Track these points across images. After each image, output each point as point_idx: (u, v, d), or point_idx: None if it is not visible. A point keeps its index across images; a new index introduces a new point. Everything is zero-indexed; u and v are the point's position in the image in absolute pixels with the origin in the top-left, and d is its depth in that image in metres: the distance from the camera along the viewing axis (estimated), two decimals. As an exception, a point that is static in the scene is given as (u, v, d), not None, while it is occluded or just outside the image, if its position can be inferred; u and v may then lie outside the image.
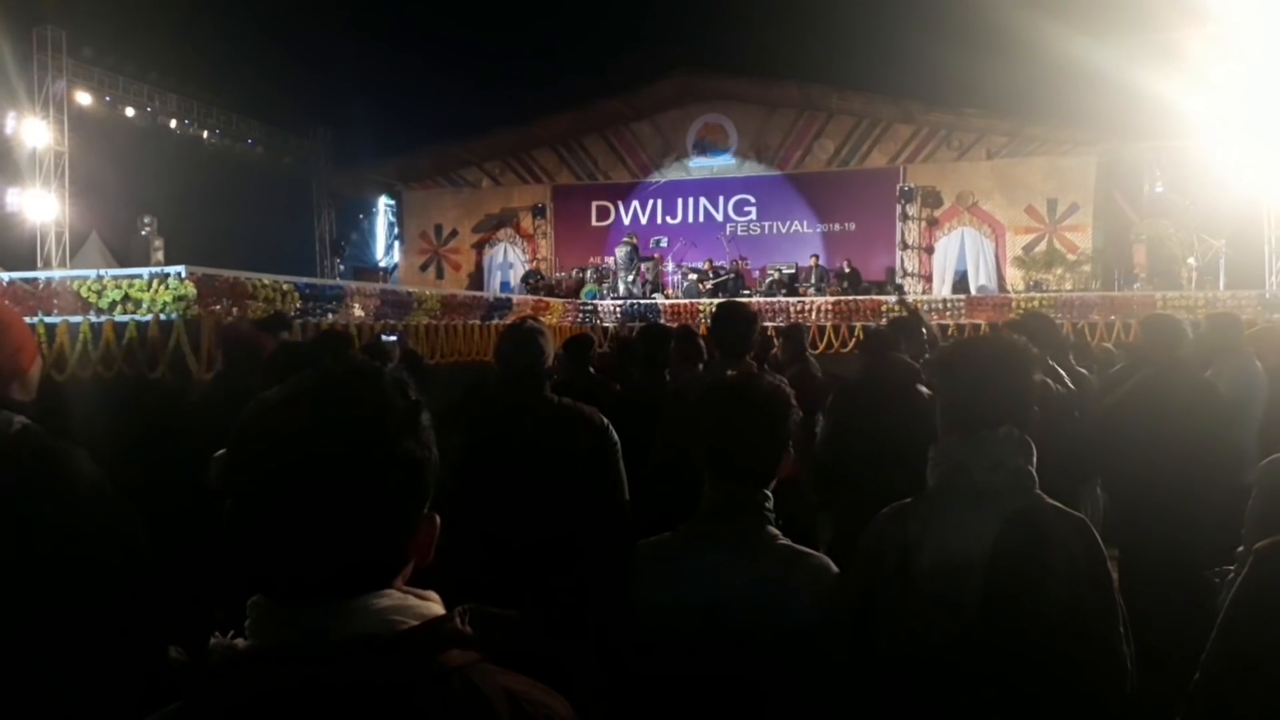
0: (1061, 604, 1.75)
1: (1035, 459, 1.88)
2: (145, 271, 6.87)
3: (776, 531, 1.87)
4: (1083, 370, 5.16)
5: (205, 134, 18.12)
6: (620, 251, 17.39)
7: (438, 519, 1.03)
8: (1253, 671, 1.26)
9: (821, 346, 12.60)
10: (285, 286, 7.51)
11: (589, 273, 18.22)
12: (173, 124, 17.38)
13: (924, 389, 3.48)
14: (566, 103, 20.09)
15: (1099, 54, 12.60)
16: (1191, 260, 15.67)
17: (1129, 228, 17.70)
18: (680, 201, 20.50)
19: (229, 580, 1.16)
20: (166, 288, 6.59)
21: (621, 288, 16.66)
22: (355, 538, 0.95)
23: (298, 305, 7.55)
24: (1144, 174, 17.70)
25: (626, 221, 20.71)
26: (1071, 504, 1.97)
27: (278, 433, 0.95)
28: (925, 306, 11.53)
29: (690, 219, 20.40)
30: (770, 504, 1.89)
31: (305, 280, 8.13)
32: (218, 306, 6.84)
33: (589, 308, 14.62)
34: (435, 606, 0.99)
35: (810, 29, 17.65)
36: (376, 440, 0.96)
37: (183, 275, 6.64)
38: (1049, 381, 4.37)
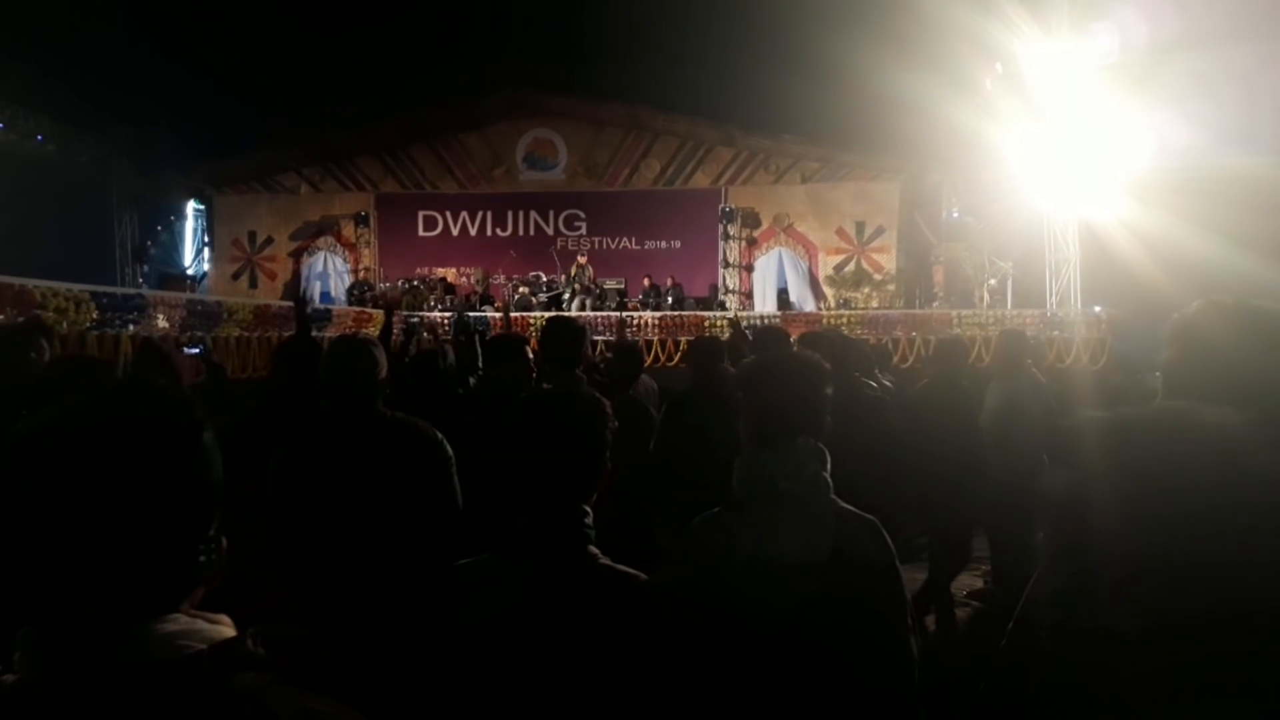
0: (861, 595, 1.91)
1: (830, 465, 2.03)
2: (-90, 277, 6.24)
3: (596, 551, 1.84)
4: (887, 383, 5.57)
5: (-14, 128, 16.57)
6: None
7: (225, 541, 0.99)
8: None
9: (649, 360, 12.92)
10: (80, 295, 6.99)
11: (417, 283, 17.82)
12: (-53, 116, 15.80)
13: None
14: (391, 110, 19.61)
15: (904, 86, 13.47)
16: (992, 281, 17.01)
17: (929, 250, 19.04)
18: (511, 214, 20.42)
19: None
20: (-62, 295, 6.01)
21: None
22: (135, 561, 0.90)
23: (94, 315, 7.03)
24: (942, 200, 19.08)
25: (455, 233, 20.42)
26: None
27: (52, 453, 0.91)
28: (746, 321, 12.02)
29: (521, 232, 20.34)
30: (590, 520, 1.85)
31: (103, 289, 7.60)
32: (0, 317, 6.29)
33: (415, 319, 14.33)
34: (226, 629, 0.96)
35: (637, 51, 17.99)
36: (156, 461, 0.93)
37: (-42, 282, 6.09)
38: (871, 384, 4.70)
